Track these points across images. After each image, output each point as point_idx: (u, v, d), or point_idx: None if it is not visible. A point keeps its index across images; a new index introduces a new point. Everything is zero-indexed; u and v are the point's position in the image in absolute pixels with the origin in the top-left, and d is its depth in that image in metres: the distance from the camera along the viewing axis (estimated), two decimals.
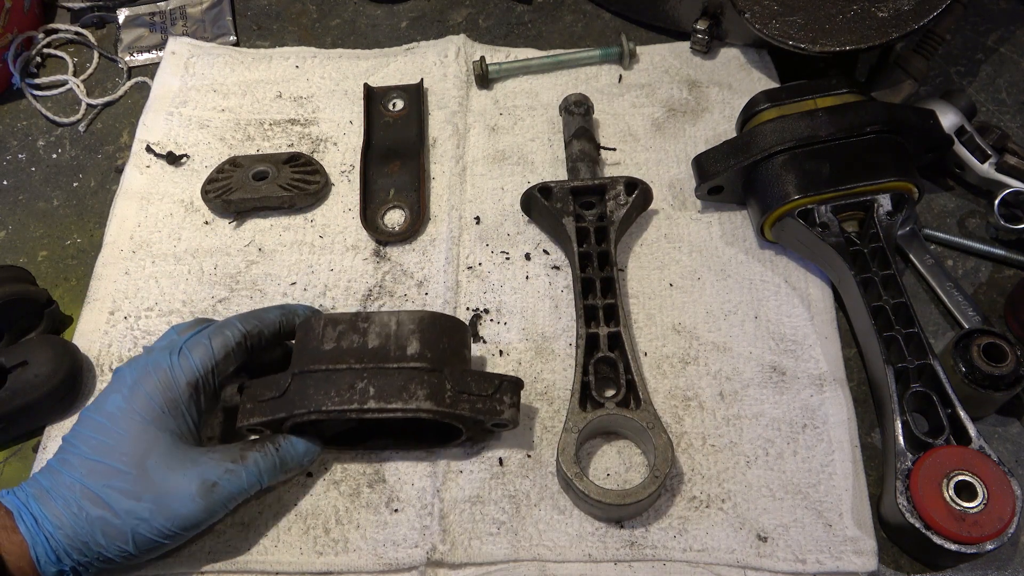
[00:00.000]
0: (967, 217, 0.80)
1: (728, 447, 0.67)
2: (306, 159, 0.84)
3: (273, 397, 0.62)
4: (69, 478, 0.58)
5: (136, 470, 0.59)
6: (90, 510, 0.57)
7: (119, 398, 0.61)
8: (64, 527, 0.57)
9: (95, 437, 0.60)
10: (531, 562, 0.63)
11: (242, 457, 0.62)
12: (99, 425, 0.60)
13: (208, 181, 0.83)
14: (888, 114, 0.73)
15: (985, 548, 0.58)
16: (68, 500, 0.58)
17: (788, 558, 0.62)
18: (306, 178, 0.82)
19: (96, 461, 0.59)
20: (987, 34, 0.92)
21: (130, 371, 0.62)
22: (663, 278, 0.76)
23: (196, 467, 0.60)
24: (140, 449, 0.59)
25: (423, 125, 0.87)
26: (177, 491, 0.59)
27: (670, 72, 0.90)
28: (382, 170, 0.83)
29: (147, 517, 0.58)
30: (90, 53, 0.97)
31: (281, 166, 0.83)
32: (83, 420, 0.61)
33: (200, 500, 0.59)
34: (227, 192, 0.80)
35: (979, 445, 0.61)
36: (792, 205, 0.72)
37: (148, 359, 0.62)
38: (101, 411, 0.61)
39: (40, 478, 0.59)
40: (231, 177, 0.82)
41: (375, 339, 0.63)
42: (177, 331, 0.66)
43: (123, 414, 0.60)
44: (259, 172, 0.82)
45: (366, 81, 0.90)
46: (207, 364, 0.63)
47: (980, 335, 0.65)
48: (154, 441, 0.60)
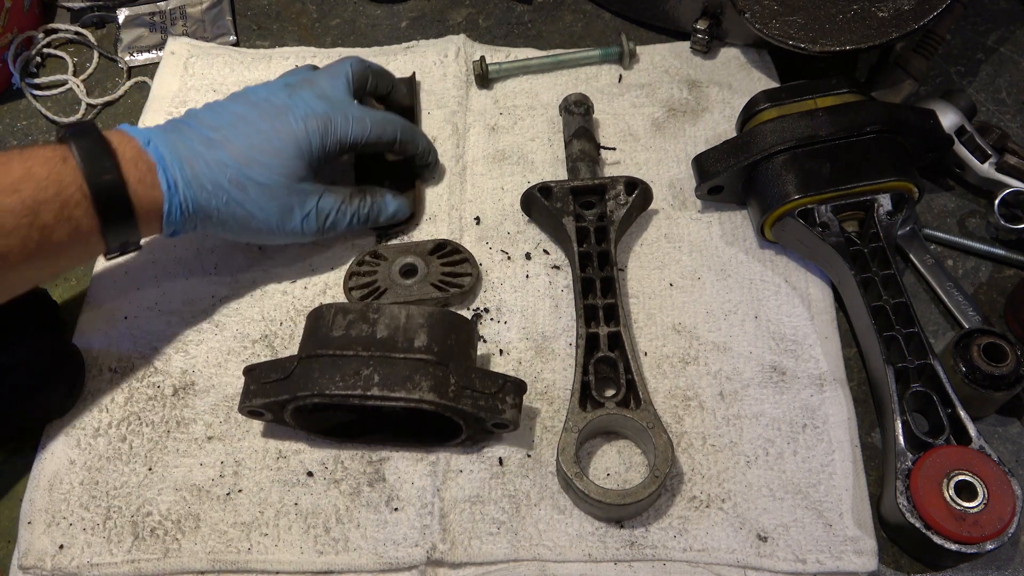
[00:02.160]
0: (967, 217, 0.80)
1: (728, 447, 0.67)
2: (453, 247, 0.77)
3: (278, 379, 0.63)
4: (224, 157, 0.67)
5: (281, 180, 0.69)
6: (232, 192, 0.67)
7: (289, 123, 0.69)
8: (202, 197, 0.66)
9: (260, 139, 0.68)
10: (531, 562, 0.63)
11: (350, 201, 0.74)
12: (266, 132, 0.69)
13: (349, 276, 0.76)
14: (888, 114, 0.73)
15: (985, 548, 0.58)
16: (216, 178, 0.67)
17: (788, 558, 0.62)
18: (456, 271, 0.75)
19: (255, 158, 0.68)
20: (987, 34, 0.92)
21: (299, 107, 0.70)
22: (663, 278, 0.76)
23: (317, 198, 0.72)
24: (291, 171, 0.69)
25: (415, 117, 0.87)
26: (300, 211, 0.71)
27: (670, 72, 0.90)
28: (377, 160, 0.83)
29: (271, 220, 0.70)
30: (90, 53, 0.97)
31: (428, 257, 0.76)
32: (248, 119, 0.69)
33: (314, 224, 0.72)
34: (375, 294, 0.75)
35: (979, 445, 0.61)
36: (792, 205, 0.72)
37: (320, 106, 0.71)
38: (270, 121, 0.69)
39: (194, 144, 0.67)
40: (375, 272, 0.76)
41: (384, 330, 0.63)
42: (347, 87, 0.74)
43: (288, 136, 0.69)
44: (406, 268, 0.76)
45: None
46: (359, 138, 0.73)
47: (980, 335, 0.65)
48: (302, 169, 0.70)
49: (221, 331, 0.75)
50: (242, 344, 0.74)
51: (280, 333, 0.75)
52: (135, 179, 0.63)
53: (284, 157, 0.69)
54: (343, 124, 0.71)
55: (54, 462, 0.69)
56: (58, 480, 0.68)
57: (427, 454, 0.68)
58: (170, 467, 0.68)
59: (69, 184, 0.61)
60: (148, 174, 0.64)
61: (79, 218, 0.61)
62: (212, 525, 0.65)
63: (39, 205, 0.59)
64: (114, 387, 0.72)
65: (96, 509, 0.66)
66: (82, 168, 0.61)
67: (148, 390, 0.72)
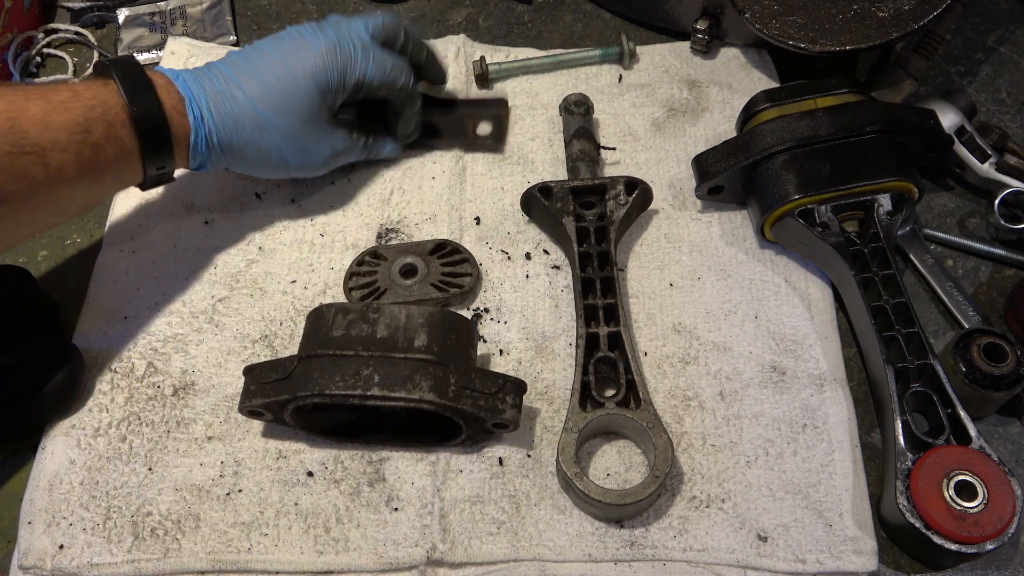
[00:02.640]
0: (967, 217, 0.80)
1: (728, 447, 0.67)
2: (453, 247, 0.77)
3: (278, 379, 0.63)
4: (243, 96, 0.70)
5: (299, 122, 0.72)
6: (251, 130, 0.71)
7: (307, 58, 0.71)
8: (224, 131, 0.70)
9: (276, 79, 0.71)
10: (531, 562, 0.63)
11: (355, 139, 0.79)
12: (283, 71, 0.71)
13: (349, 276, 0.76)
14: (888, 114, 0.73)
15: (985, 548, 0.58)
16: (236, 115, 0.70)
17: (788, 558, 0.62)
18: (456, 271, 0.75)
19: (272, 97, 0.71)
20: (987, 34, 0.92)
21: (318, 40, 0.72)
22: (663, 278, 0.76)
23: (332, 136, 0.76)
24: (308, 110, 0.72)
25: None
26: (316, 149, 0.75)
27: (670, 72, 0.90)
28: None
29: (289, 155, 0.74)
30: (90, 53, 0.97)
31: (428, 258, 0.76)
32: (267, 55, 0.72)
33: (329, 160, 0.77)
34: (375, 294, 0.75)
35: (979, 445, 0.61)
36: (792, 205, 0.72)
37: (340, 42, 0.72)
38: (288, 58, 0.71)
39: (216, 81, 0.70)
40: (375, 273, 0.76)
41: (384, 330, 0.63)
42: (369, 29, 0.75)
43: (306, 73, 0.71)
44: (406, 268, 0.76)
45: None
46: (374, 80, 0.74)
47: (980, 335, 0.65)
48: (318, 107, 0.72)
49: (221, 331, 0.75)
50: (242, 344, 0.74)
51: (280, 333, 0.75)
52: (169, 105, 0.67)
53: (300, 96, 0.71)
54: (363, 62, 0.73)
55: (54, 462, 0.69)
56: (58, 480, 0.68)
57: (427, 454, 0.68)
58: (170, 467, 0.68)
59: (113, 105, 0.65)
60: (179, 102, 0.68)
61: (124, 138, 0.65)
62: (212, 525, 0.65)
63: (89, 123, 0.63)
64: (114, 387, 0.72)
65: (96, 509, 0.66)
66: (123, 91, 0.65)
67: (148, 390, 0.72)
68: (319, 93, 0.72)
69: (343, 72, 0.72)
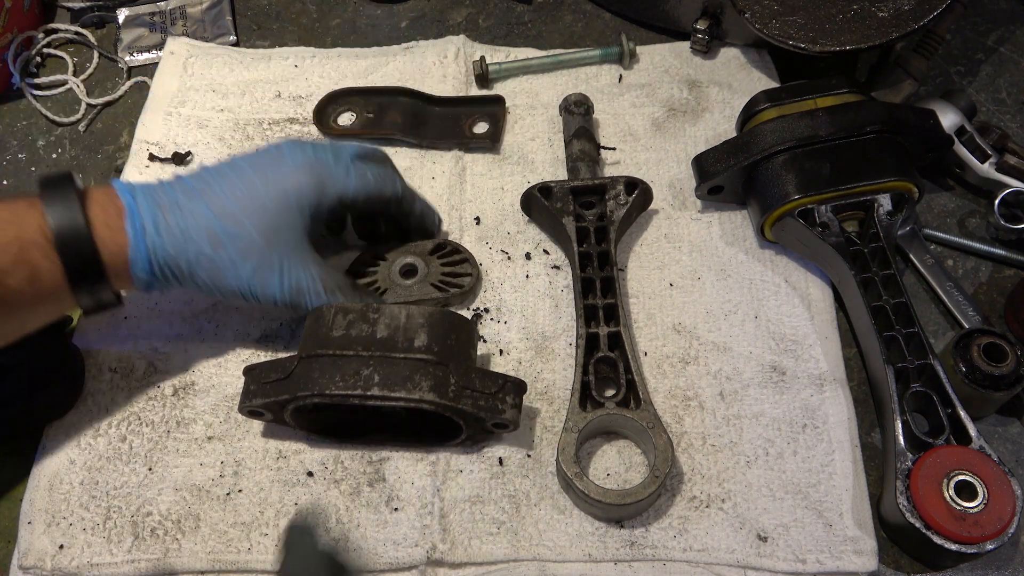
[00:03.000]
0: (967, 217, 0.80)
1: (728, 447, 0.67)
2: (453, 247, 0.76)
3: (278, 379, 0.63)
4: (202, 208, 0.63)
5: (259, 238, 0.63)
6: (204, 247, 0.62)
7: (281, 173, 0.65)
8: (171, 246, 0.62)
9: (244, 191, 0.64)
10: (531, 562, 0.63)
11: (333, 291, 0.67)
12: (254, 184, 0.64)
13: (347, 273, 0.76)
14: (888, 114, 0.73)
15: (985, 548, 0.58)
16: (189, 228, 0.62)
17: (788, 558, 0.62)
18: (456, 271, 0.75)
19: (233, 209, 0.63)
20: (987, 34, 0.92)
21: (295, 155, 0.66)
22: (663, 278, 0.76)
23: (301, 268, 0.66)
24: (273, 225, 0.64)
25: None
26: (276, 277, 0.65)
27: (670, 72, 0.90)
28: None
29: (246, 280, 0.64)
30: (90, 53, 0.97)
31: (428, 257, 0.76)
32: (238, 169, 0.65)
33: (288, 296, 0.66)
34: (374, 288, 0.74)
35: (979, 445, 0.61)
36: (792, 205, 0.72)
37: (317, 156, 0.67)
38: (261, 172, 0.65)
39: (174, 194, 0.63)
40: (375, 273, 0.75)
41: (384, 329, 0.63)
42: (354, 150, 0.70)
43: (278, 188, 0.64)
44: (406, 268, 0.75)
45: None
46: (358, 192, 0.68)
47: (980, 335, 0.65)
48: (288, 225, 0.65)
49: (221, 331, 0.75)
50: (242, 344, 0.74)
51: (280, 333, 0.75)
52: (101, 221, 0.60)
53: (268, 210, 0.64)
54: (343, 176, 0.67)
55: (54, 462, 0.69)
56: (58, 480, 0.68)
57: (427, 454, 0.68)
58: (170, 467, 0.68)
59: (29, 224, 0.57)
60: (116, 217, 0.60)
61: (37, 260, 0.57)
62: (212, 525, 0.65)
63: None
64: (114, 387, 0.72)
65: (96, 509, 0.66)
66: (45, 210, 0.58)
67: (148, 390, 0.72)
68: (291, 208, 0.64)
69: (319, 187, 0.66)
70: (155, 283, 0.63)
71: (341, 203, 0.68)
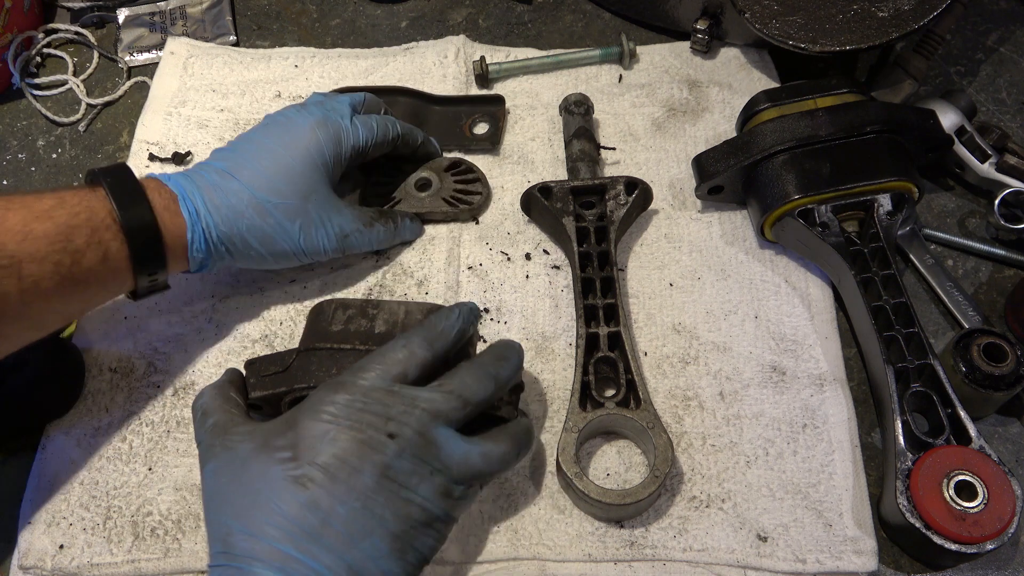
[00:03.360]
0: (967, 217, 0.80)
1: (728, 447, 0.67)
2: (467, 166, 0.81)
3: (276, 372, 0.63)
4: (238, 185, 0.67)
5: (298, 201, 0.69)
6: (252, 217, 0.67)
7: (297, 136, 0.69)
8: (223, 224, 0.66)
9: (271, 160, 0.68)
10: (531, 561, 0.63)
11: (370, 223, 0.74)
12: (276, 152, 0.69)
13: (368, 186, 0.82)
14: (888, 114, 0.73)
15: (985, 548, 0.58)
16: (235, 204, 0.66)
17: (788, 558, 0.62)
18: (468, 189, 0.80)
19: (270, 180, 0.68)
20: (987, 34, 0.92)
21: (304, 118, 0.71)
22: (663, 278, 0.76)
23: (339, 216, 0.72)
24: (307, 185, 0.69)
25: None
26: (322, 230, 0.71)
27: (670, 72, 0.90)
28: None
29: (295, 238, 0.69)
30: (90, 53, 0.97)
31: (443, 174, 0.81)
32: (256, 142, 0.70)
33: (336, 243, 0.72)
34: (390, 204, 0.80)
35: (979, 445, 0.61)
36: (792, 205, 0.72)
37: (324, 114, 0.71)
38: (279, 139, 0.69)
39: (209, 176, 0.67)
40: (392, 184, 0.81)
41: (382, 325, 0.63)
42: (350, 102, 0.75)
43: (301, 150, 0.69)
44: (421, 181, 0.81)
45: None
46: (368, 141, 0.73)
47: (980, 335, 0.65)
48: (318, 183, 0.70)
49: (221, 331, 0.75)
50: (242, 344, 0.74)
51: (280, 332, 0.75)
52: (161, 206, 0.64)
53: (298, 173, 0.69)
54: (352, 130, 0.72)
55: (54, 462, 0.69)
56: (58, 480, 0.68)
57: None
58: (170, 467, 0.68)
59: (99, 209, 0.61)
60: (172, 202, 0.65)
61: (108, 241, 0.61)
62: None
63: (71, 230, 0.59)
64: (114, 387, 0.72)
65: (96, 509, 0.66)
66: (110, 195, 0.62)
67: (148, 390, 0.72)
68: (316, 167, 0.70)
69: (336, 142, 0.71)
70: (209, 261, 0.68)
71: (355, 152, 0.73)
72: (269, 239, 0.68)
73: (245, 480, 0.52)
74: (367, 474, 0.51)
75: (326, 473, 0.50)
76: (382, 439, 0.52)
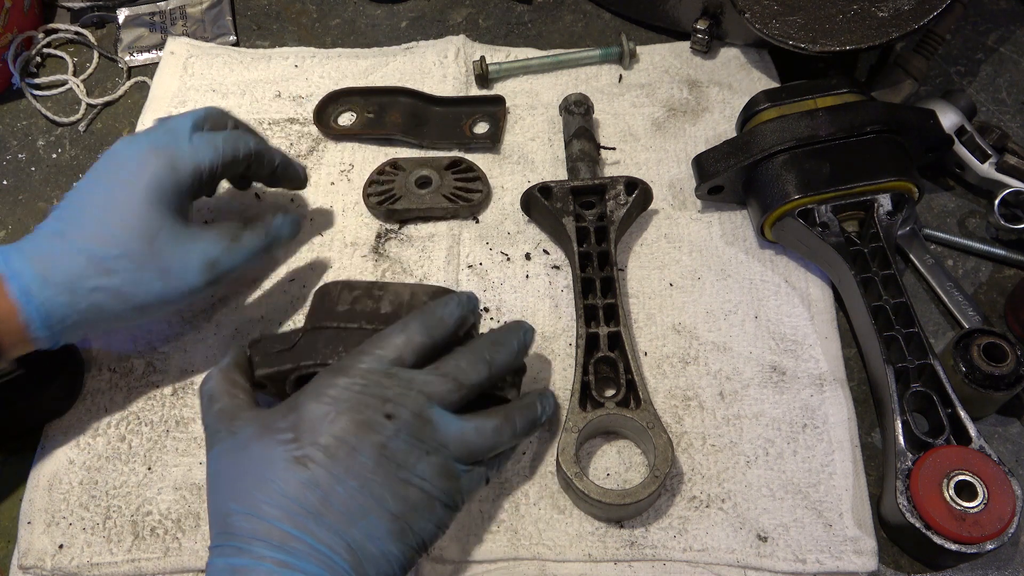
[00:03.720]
0: (967, 217, 0.80)
1: (728, 447, 0.67)
2: (467, 164, 0.82)
3: (282, 350, 0.63)
4: (73, 246, 0.60)
5: (143, 245, 0.61)
6: (96, 278, 0.59)
7: (130, 173, 0.62)
8: (62, 295, 0.59)
9: (103, 209, 0.61)
10: (531, 561, 0.63)
11: (237, 237, 0.66)
12: (108, 197, 0.62)
13: (369, 183, 0.82)
14: (888, 114, 0.73)
15: (985, 548, 0.58)
16: (72, 269, 0.59)
17: (788, 558, 0.62)
18: (468, 187, 0.80)
19: (103, 231, 0.60)
20: (987, 34, 0.92)
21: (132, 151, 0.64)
22: (663, 278, 0.76)
23: (199, 244, 0.64)
24: (148, 226, 0.61)
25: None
26: (183, 265, 0.63)
27: (670, 72, 0.90)
28: None
29: (154, 287, 0.62)
30: (90, 53, 0.97)
31: (443, 172, 0.81)
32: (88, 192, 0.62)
33: (205, 274, 0.64)
34: (391, 200, 0.80)
35: (979, 445, 0.61)
36: (792, 205, 0.72)
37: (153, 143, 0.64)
38: (110, 182, 0.62)
39: (40, 243, 0.60)
40: (393, 182, 0.81)
41: (388, 306, 0.63)
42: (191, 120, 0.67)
43: (135, 189, 0.62)
44: (422, 179, 0.81)
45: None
46: (213, 161, 0.66)
47: (980, 335, 0.65)
48: (162, 219, 0.62)
49: (220, 331, 0.75)
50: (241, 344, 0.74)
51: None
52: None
53: (135, 215, 0.61)
54: (191, 151, 0.65)
55: (54, 462, 0.69)
56: (58, 480, 0.68)
57: None
58: (169, 466, 0.68)
59: None
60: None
61: None
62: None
63: None
64: (113, 387, 0.72)
65: (96, 509, 0.66)
66: None
67: (147, 390, 0.72)
68: (154, 203, 0.62)
69: (172, 168, 0.63)
70: (62, 335, 0.61)
71: (199, 176, 0.66)
72: (123, 295, 0.61)
73: (246, 462, 0.52)
74: (365, 454, 0.51)
75: (326, 453, 0.51)
76: (380, 420, 0.52)
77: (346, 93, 0.89)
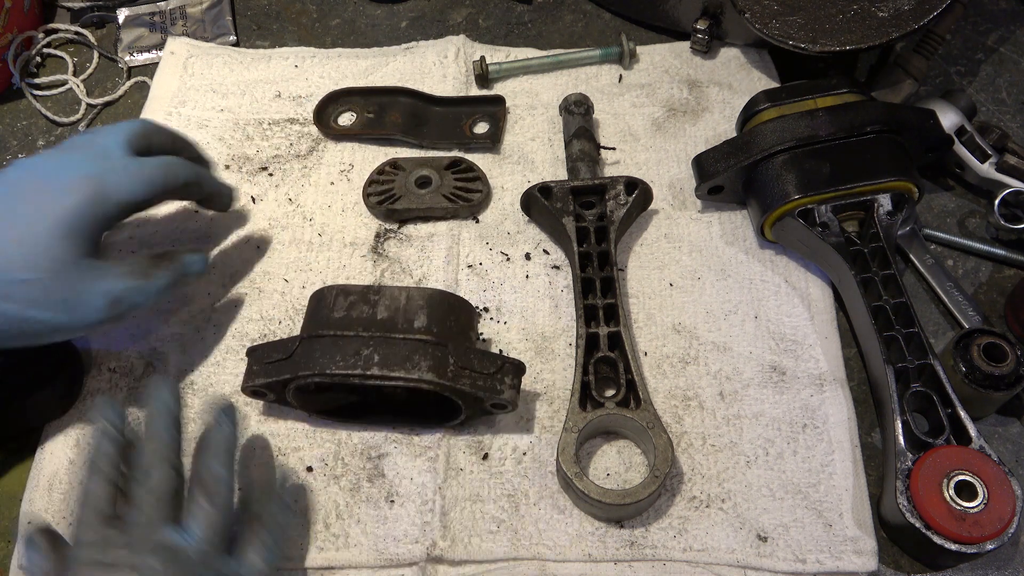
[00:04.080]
0: (967, 217, 0.80)
1: (728, 447, 0.67)
2: (467, 164, 0.82)
3: (280, 359, 0.63)
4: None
5: (48, 277, 0.59)
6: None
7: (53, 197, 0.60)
8: None
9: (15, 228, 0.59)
10: (531, 561, 0.63)
11: (147, 275, 0.64)
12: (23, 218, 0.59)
13: (369, 183, 0.82)
14: (888, 114, 0.73)
15: (985, 548, 0.58)
16: None
17: (788, 558, 0.62)
18: (467, 187, 0.80)
19: (8, 256, 0.58)
20: (987, 34, 0.92)
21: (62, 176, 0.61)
22: (663, 278, 0.76)
23: (104, 282, 0.61)
24: (56, 259, 0.59)
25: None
26: (86, 302, 0.60)
27: (670, 72, 0.90)
28: None
29: (54, 321, 0.60)
30: (90, 53, 0.97)
31: (443, 172, 0.81)
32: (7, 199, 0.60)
33: (106, 312, 0.61)
34: (390, 200, 0.80)
35: (979, 445, 0.61)
36: (792, 205, 0.72)
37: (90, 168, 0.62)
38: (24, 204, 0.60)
39: None
40: (393, 181, 0.81)
41: (384, 311, 0.64)
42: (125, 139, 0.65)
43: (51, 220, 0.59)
44: (421, 179, 0.81)
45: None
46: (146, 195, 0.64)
47: (980, 335, 0.65)
48: (72, 253, 0.60)
49: (219, 331, 0.75)
50: (240, 343, 0.74)
51: (278, 332, 0.75)
52: None
53: (47, 247, 0.59)
54: (118, 182, 0.62)
55: (54, 462, 0.69)
56: (58, 480, 0.68)
57: (426, 451, 0.68)
58: None
59: None
60: None
61: None
62: None
63: None
64: (113, 387, 0.72)
65: None
66: None
67: None
68: (68, 236, 0.60)
69: (98, 203, 0.61)
70: None
71: (124, 210, 0.63)
72: (17, 321, 0.59)
73: None
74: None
75: None
76: None
77: (346, 93, 0.89)
